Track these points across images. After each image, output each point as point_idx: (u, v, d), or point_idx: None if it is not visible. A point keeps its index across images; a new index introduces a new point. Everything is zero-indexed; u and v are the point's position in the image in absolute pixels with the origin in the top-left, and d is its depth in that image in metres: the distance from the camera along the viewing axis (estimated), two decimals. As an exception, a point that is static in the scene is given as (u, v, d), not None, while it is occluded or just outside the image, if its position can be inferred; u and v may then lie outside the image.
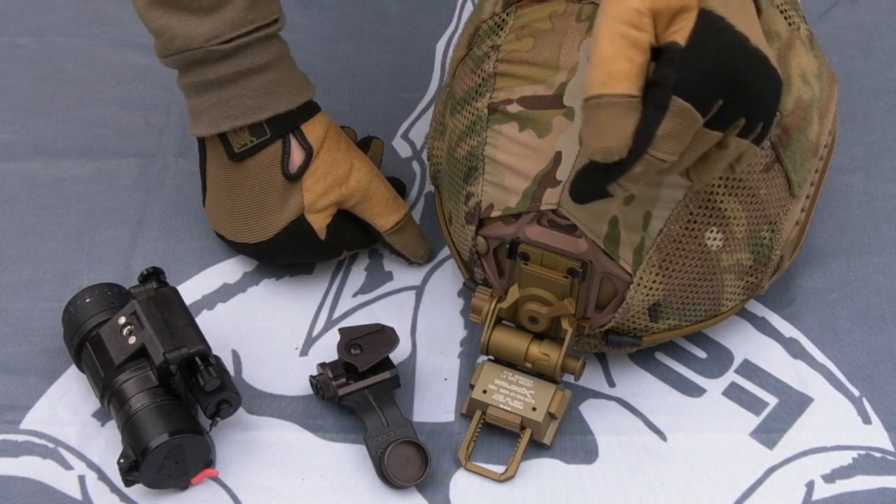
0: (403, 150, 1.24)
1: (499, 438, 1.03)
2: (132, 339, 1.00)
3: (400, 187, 1.18)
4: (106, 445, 1.03)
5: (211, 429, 1.01)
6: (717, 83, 0.84)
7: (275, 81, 1.06)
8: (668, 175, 0.89)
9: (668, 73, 0.83)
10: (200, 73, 1.04)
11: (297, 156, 1.08)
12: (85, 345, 1.03)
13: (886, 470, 1.01)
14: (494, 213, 1.00)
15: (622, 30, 0.84)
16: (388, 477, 0.99)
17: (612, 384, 1.06)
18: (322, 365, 1.05)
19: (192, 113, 1.08)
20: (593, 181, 0.88)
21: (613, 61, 0.84)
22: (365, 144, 1.17)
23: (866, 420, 1.04)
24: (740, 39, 0.84)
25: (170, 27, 1.03)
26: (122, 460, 0.98)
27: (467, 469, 1.01)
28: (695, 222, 0.98)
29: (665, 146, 0.85)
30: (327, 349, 1.09)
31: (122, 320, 1.02)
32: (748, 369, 1.07)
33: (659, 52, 0.85)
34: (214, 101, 1.05)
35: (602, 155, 0.85)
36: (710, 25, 0.84)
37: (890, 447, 1.02)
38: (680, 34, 0.84)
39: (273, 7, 1.05)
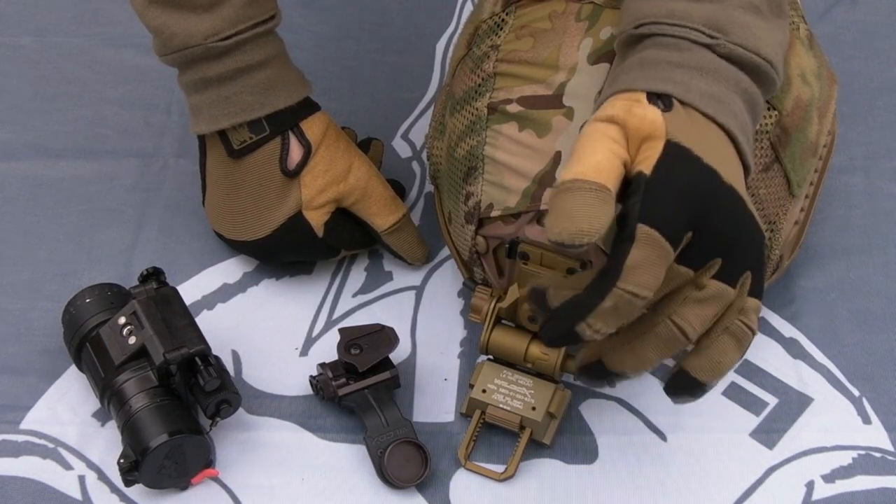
0: (403, 150, 1.24)
1: (498, 438, 1.03)
2: (132, 339, 1.01)
3: (399, 189, 1.18)
4: (106, 445, 1.03)
5: (211, 429, 1.01)
6: (684, 211, 0.81)
7: (273, 78, 1.06)
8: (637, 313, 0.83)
9: (634, 201, 0.81)
10: (200, 70, 1.05)
11: (295, 152, 1.08)
12: (85, 345, 1.03)
13: (886, 470, 1.01)
14: (494, 213, 1.01)
15: (606, 140, 0.83)
16: (388, 477, 0.99)
17: (611, 384, 1.06)
18: (322, 365, 1.05)
19: (193, 111, 1.08)
20: (562, 323, 0.83)
21: (592, 156, 0.82)
22: (365, 145, 1.17)
23: (866, 420, 1.04)
24: (710, 171, 0.82)
25: (169, 25, 1.03)
26: (122, 460, 0.98)
27: (467, 469, 1.01)
28: (694, 222, 0.97)
29: (635, 278, 0.80)
30: (327, 349, 1.09)
31: (122, 320, 1.02)
32: (748, 369, 1.07)
33: (628, 185, 0.83)
34: (214, 99, 1.06)
35: (571, 237, 0.80)
36: (676, 155, 0.82)
37: (890, 447, 1.02)
38: (646, 163, 0.82)
39: (270, 3, 1.05)
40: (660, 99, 0.84)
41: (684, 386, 0.86)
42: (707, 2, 0.86)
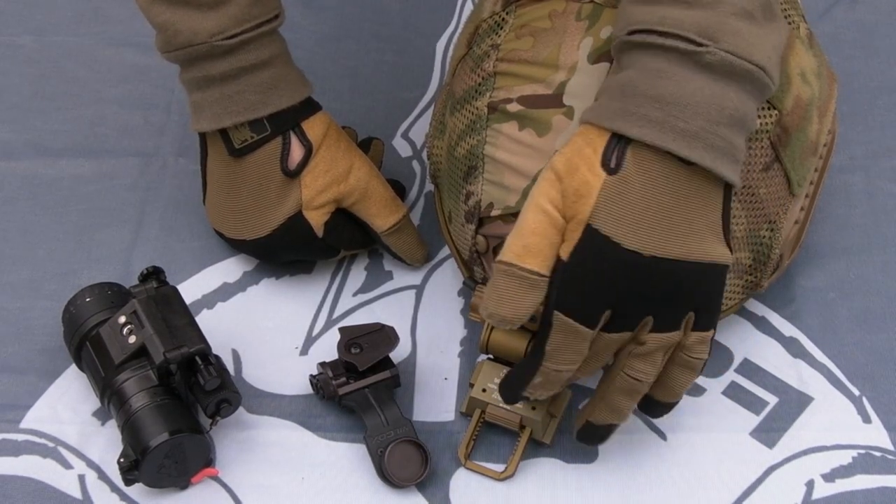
0: (403, 150, 1.24)
1: (498, 437, 1.03)
2: (132, 339, 1.00)
3: (399, 189, 1.18)
4: (106, 445, 1.03)
5: (211, 428, 1.01)
6: (597, 297, 0.88)
7: (276, 77, 1.06)
8: (585, 376, 0.94)
9: (551, 289, 0.88)
10: (203, 68, 1.05)
11: (296, 152, 1.08)
12: (85, 344, 1.03)
13: (886, 469, 1.01)
14: (494, 212, 1.01)
15: (546, 207, 0.88)
16: (388, 476, 0.99)
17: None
18: (322, 364, 1.05)
19: (195, 108, 1.08)
20: (510, 390, 0.96)
21: (532, 235, 0.88)
22: (365, 145, 1.17)
23: (866, 419, 1.04)
24: (627, 255, 0.87)
25: (174, 22, 1.03)
26: (122, 459, 0.98)
27: (467, 468, 1.01)
28: (694, 222, 0.98)
29: (556, 358, 0.90)
30: (327, 348, 1.09)
31: (122, 319, 1.02)
32: (748, 368, 1.07)
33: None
34: (217, 97, 1.06)
35: (495, 321, 0.90)
36: (592, 245, 0.87)
37: (890, 446, 1.02)
38: (566, 247, 0.88)
39: (274, 3, 1.06)
40: (617, 148, 0.87)
41: (648, 406, 0.97)
42: (699, 8, 0.86)
